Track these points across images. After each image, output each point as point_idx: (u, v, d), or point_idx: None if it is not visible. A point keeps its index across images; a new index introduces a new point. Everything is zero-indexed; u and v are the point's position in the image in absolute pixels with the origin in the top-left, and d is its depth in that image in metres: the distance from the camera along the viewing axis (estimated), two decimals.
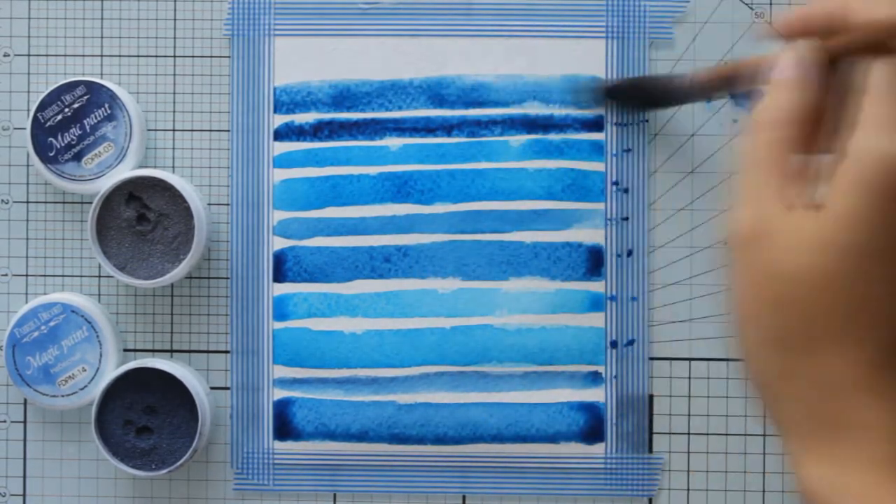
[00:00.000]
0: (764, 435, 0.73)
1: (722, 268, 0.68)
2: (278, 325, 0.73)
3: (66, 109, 0.72)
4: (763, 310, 0.51)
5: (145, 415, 0.71)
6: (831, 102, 0.52)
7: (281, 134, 0.73)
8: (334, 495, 0.74)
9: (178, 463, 0.71)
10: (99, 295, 0.74)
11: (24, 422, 0.74)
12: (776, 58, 0.53)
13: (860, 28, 0.51)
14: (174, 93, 0.74)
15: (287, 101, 0.73)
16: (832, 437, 0.49)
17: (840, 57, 0.52)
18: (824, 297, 0.49)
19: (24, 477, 0.74)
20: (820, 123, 0.52)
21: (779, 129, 0.51)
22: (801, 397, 0.50)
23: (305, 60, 0.73)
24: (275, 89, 0.73)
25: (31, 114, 0.72)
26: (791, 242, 0.49)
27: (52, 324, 0.72)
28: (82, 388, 0.72)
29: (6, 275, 0.74)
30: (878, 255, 0.48)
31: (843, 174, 0.48)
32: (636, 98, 0.72)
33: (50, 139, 0.72)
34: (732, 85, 0.63)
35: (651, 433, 0.73)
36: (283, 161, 0.73)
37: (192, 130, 0.74)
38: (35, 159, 0.72)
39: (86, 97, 0.72)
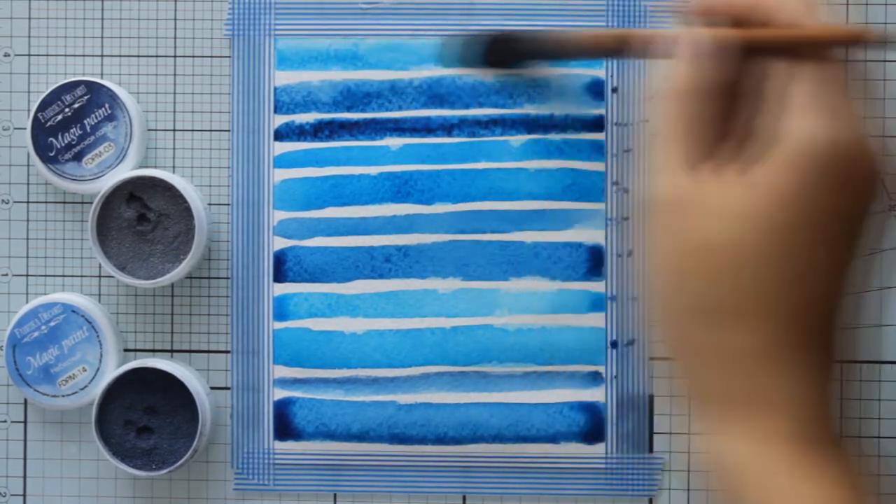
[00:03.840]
0: None
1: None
2: (279, 325, 0.73)
3: (67, 109, 0.72)
4: (687, 279, 0.52)
5: (146, 415, 0.71)
6: (745, 87, 0.54)
7: (281, 134, 0.73)
8: (335, 495, 0.73)
9: (179, 463, 0.71)
10: (99, 295, 0.74)
11: (25, 422, 0.74)
12: (686, 34, 0.54)
13: (781, 31, 0.53)
14: (174, 93, 0.74)
15: (287, 101, 0.73)
16: (745, 412, 0.51)
17: (755, 48, 0.54)
18: (754, 270, 0.50)
19: (25, 477, 0.74)
20: (732, 105, 0.54)
21: (695, 102, 0.53)
22: (721, 370, 0.51)
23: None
24: (275, 89, 0.73)
25: (32, 114, 0.72)
26: (718, 214, 0.51)
27: (52, 324, 0.72)
28: (83, 388, 0.71)
29: (6, 275, 0.74)
30: (808, 233, 0.50)
31: (779, 154, 0.50)
32: (512, 56, 0.70)
33: (50, 139, 0.72)
34: (619, 51, 0.64)
35: (651, 433, 0.73)
36: (283, 161, 0.73)
37: (193, 130, 0.74)
38: (35, 159, 0.72)
39: (86, 97, 0.72)
